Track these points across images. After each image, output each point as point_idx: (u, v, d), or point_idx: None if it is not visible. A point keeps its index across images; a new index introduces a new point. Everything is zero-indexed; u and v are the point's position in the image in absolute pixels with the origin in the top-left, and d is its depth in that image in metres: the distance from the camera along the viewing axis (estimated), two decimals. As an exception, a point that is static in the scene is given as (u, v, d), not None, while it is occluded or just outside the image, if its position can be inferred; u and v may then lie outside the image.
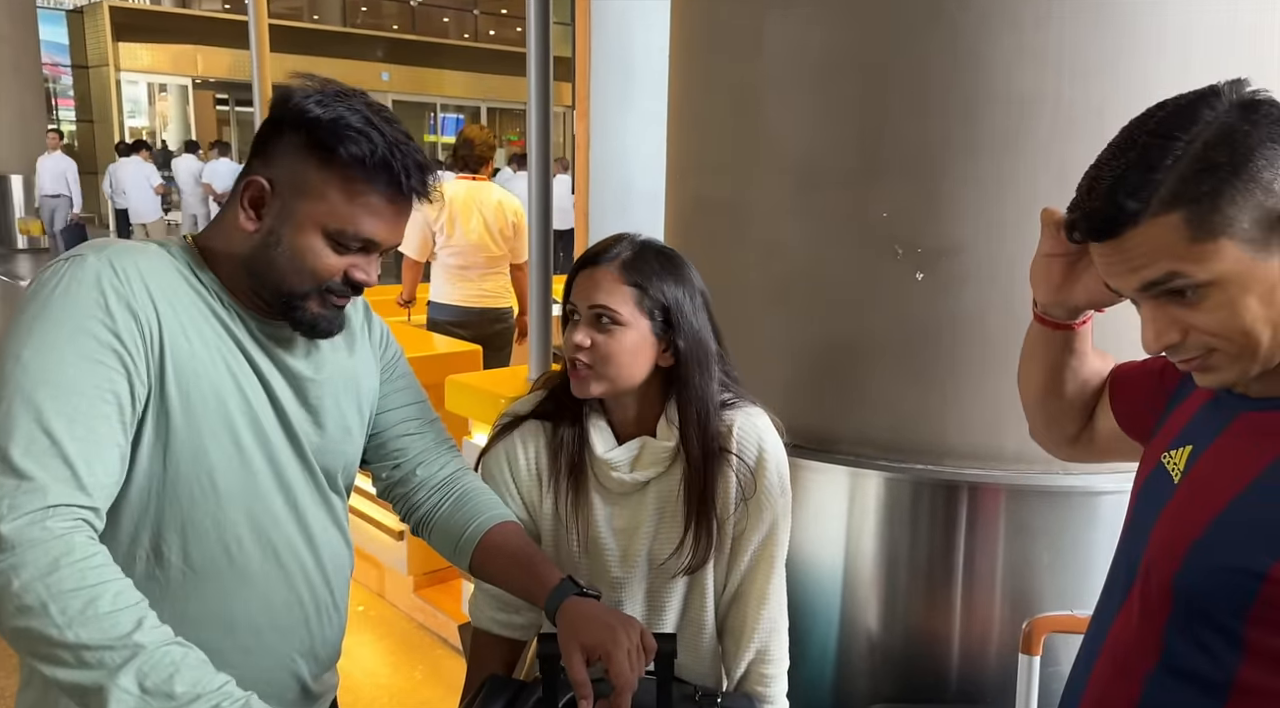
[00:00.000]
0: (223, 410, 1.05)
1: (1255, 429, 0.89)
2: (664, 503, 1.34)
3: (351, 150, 1.02)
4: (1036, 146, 1.67)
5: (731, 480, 1.32)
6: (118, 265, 0.99)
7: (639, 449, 1.32)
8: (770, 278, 1.91)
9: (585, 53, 4.14)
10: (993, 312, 1.73)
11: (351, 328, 1.23)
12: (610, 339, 1.24)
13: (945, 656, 1.78)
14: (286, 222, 1.05)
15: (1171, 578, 0.90)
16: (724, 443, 1.32)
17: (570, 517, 1.35)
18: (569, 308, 1.29)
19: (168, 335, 1.00)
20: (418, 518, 1.30)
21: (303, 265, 1.05)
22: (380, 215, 1.06)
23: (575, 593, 1.15)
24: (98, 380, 0.94)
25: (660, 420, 1.32)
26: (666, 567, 1.34)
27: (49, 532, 0.87)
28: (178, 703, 0.85)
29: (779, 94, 1.85)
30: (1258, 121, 0.82)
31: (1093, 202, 0.87)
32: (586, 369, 1.26)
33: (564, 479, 1.34)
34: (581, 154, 4.13)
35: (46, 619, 0.85)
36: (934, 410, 1.77)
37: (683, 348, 1.28)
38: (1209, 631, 0.87)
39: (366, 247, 1.07)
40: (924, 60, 1.70)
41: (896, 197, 1.75)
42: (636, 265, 1.27)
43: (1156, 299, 0.87)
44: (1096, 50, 1.64)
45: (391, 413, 1.28)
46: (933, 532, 1.77)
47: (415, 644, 3.14)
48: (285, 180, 1.05)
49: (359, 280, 1.08)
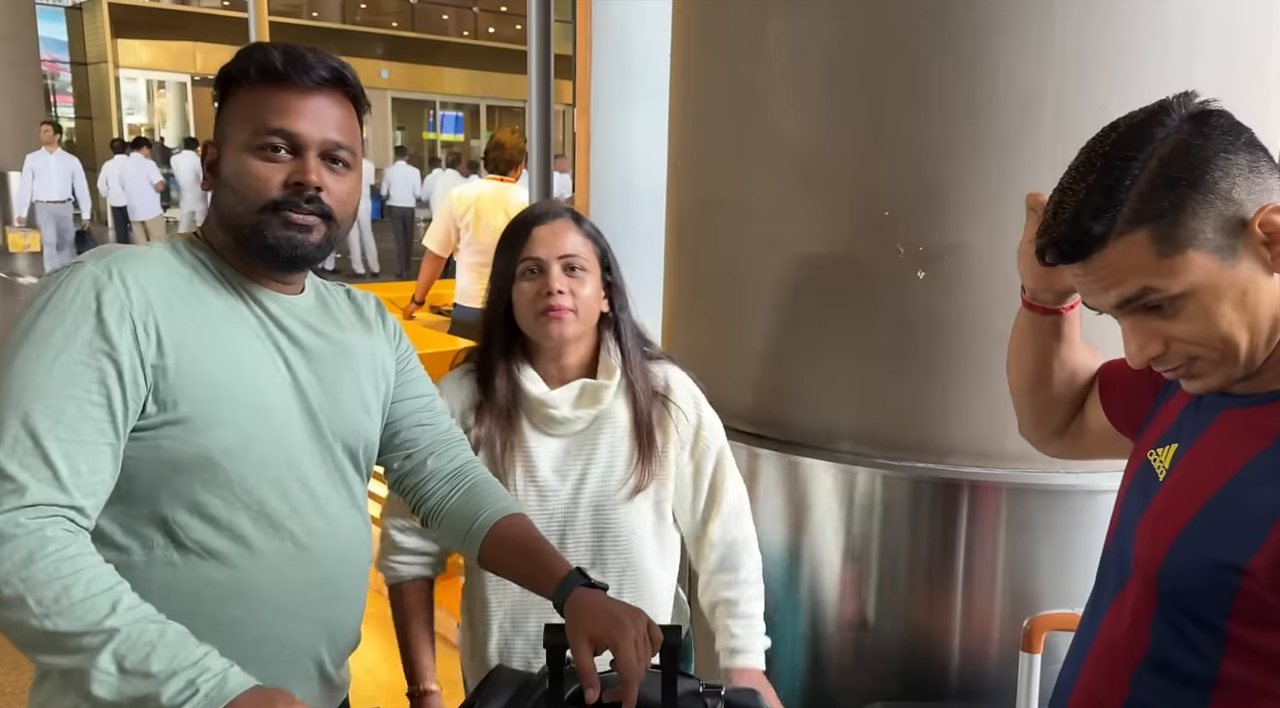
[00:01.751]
0: (235, 397, 1.06)
1: (1236, 427, 0.91)
2: (612, 441, 1.43)
3: (240, 65, 1.09)
4: (1039, 145, 1.67)
5: (670, 426, 1.47)
6: (115, 270, 1.02)
7: (580, 389, 1.42)
8: (771, 276, 1.91)
9: (586, 50, 4.13)
10: (994, 310, 1.73)
11: (366, 317, 1.27)
12: (580, 284, 1.38)
13: (946, 654, 1.78)
14: (223, 161, 1.11)
15: (1156, 575, 0.91)
16: (660, 389, 1.47)
17: (504, 463, 1.41)
18: (528, 262, 1.39)
19: (167, 332, 1.02)
20: (428, 509, 1.31)
21: (242, 183, 1.08)
22: (286, 107, 1.08)
23: (582, 584, 1.16)
24: (86, 383, 0.97)
25: (600, 361, 1.44)
26: (609, 501, 1.43)
27: (24, 528, 0.91)
28: (156, 680, 0.88)
29: (781, 92, 1.86)
30: (1210, 133, 0.85)
31: (1058, 227, 0.89)
32: (569, 312, 1.36)
33: (496, 425, 1.41)
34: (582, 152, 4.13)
35: (26, 611, 0.89)
36: (935, 409, 1.78)
37: (620, 287, 1.45)
38: (1193, 626, 0.88)
39: (292, 145, 1.08)
40: (926, 59, 1.70)
41: (898, 195, 1.75)
42: (582, 219, 1.44)
43: (1135, 314, 0.89)
44: (1098, 48, 1.65)
45: (404, 403, 1.30)
46: (933, 530, 1.77)
47: (415, 642, 3.14)
48: (218, 131, 1.12)
49: (301, 181, 1.08)
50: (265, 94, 1.08)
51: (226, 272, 1.12)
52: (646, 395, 1.44)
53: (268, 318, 1.13)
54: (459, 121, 22.20)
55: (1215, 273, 0.85)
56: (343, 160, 1.12)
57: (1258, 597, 0.82)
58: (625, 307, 1.45)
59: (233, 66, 1.11)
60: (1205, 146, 0.84)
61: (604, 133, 4.18)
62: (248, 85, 1.09)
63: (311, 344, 1.16)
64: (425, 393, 1.33)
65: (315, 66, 1.09)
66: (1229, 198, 0.84)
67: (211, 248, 1.13)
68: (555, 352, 1.42)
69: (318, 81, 1.09)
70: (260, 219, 1.08)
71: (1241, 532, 0.84)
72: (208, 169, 1.13)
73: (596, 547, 1.45)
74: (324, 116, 1.09)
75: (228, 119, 1.11)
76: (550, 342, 1.39)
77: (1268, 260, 0.85)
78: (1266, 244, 0.85)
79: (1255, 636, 0.84)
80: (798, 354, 1.91)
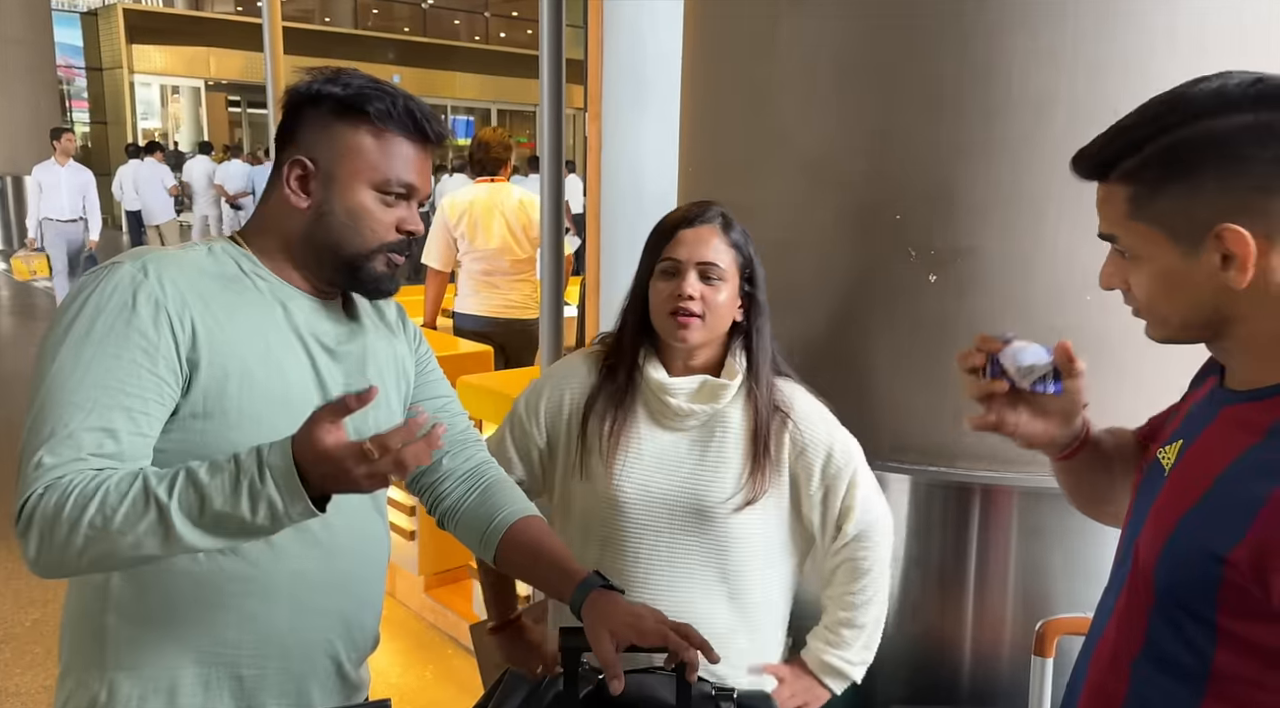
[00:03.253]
0: (260, 392, 1.09)
1: (1233, 422, 0.91)
2: (722, 445, 1.41)
3: (377, 106, 1.12)
4: (1051, 148, 1.67)
5: (786, 443, 1.43)
6: (151, 269, 1.05)
7: (700, 383, 1.42)
8: (782, 279, 1.91)
9: (597, 55, 4.14)
10: (1006, 313, 1.73)
11: (389, 321, 1.31)
12: (714, 291, 1.39)
13: (957, 658, 1.78)
14: (334, 188, 1.13)
15: (1153, 569, 0.92)
16: (781, 405, 1.44)
17: (611, 445, 1.40)
18: (667, 263, 1.40)
19: (201, 329, 1.05)
20: (444, 508, 1.32)
21: (360, 224, 1.14)
22: (412, 161, 1.16)
23: (601, 586, 1.17)
24: (122, 377, 1.00)
25: (725, 363, 1.44)
26: (712, 506, 1.40)
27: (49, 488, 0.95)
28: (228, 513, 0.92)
29: (792, 95, 1.86)
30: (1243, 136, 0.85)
31: (1094, 142, 0.94)
32: (696, 318, 1.37)
33: (609, 407, 1.42)
34: (593, 156, 4.14)
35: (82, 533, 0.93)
36: (946, 412, 1.77)
37: (760, 301, 1.44)
38: (1186, 618, 0.89)
39: (409, 193, 1.16)
40: (937, 61, 1.70)
41: (909, 198, 1.75)
42: (732, 226, 1.44)
43: (1112, 249, 0.96)
44: (1110, 51, 1.64)
45: (423, 403, 1.32)
46: (945, 534, 1.76)
47: (426, 644, 3.15)
48: (324, 152, 1.14)
49: (411, 230, 1.17)
50: (400, 144, 1.14)
51: (263, 274, 1.15)
52: (767, 407, 1.42)
53: (298, 321, 1.16)
54: (470, 126, 22.27)
55: (1167, 255, 0.90)
56: (423, 205, 1.21)
57: (1240, 588, 0.83)
58: (761, 318, 1.44)
59: (366, 106, 1.12)
60: (1228, 145, 0.85)
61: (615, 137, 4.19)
62: (375, 126, 1.13)
63: (338, 347, 1.19)
64: (443, 394, 1.36)
65: (437, 125, 1.17)
66: (1213, 202, 0.86)
67: (250, 252, 1.16)
68: (683, 352, 1.43)
69: (437, 139, 1.18)
70: (372, 256, 1.15)
71: (1226, 524, 0.85)
72: (297, 184, 1.14)
73: (695, 551, 1.42)
74: (429, 170, 1.20)
75: (347, 150, 1.13)
76: (676, 343, 1.40)
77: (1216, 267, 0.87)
78: (1225, 257, 0.86)
79: (1243, 628, 0.84)
80: (809, 358, 1.90)
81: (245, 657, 1.13)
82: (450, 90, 20.51)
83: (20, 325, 9.06)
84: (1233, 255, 0.86)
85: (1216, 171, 0.86)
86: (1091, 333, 1.72)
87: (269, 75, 4.46)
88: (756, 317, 1.44)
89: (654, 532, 1.41)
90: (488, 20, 22.94)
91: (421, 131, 1.15)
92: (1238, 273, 0.86)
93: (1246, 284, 0.86)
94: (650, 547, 1.41)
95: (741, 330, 1.44)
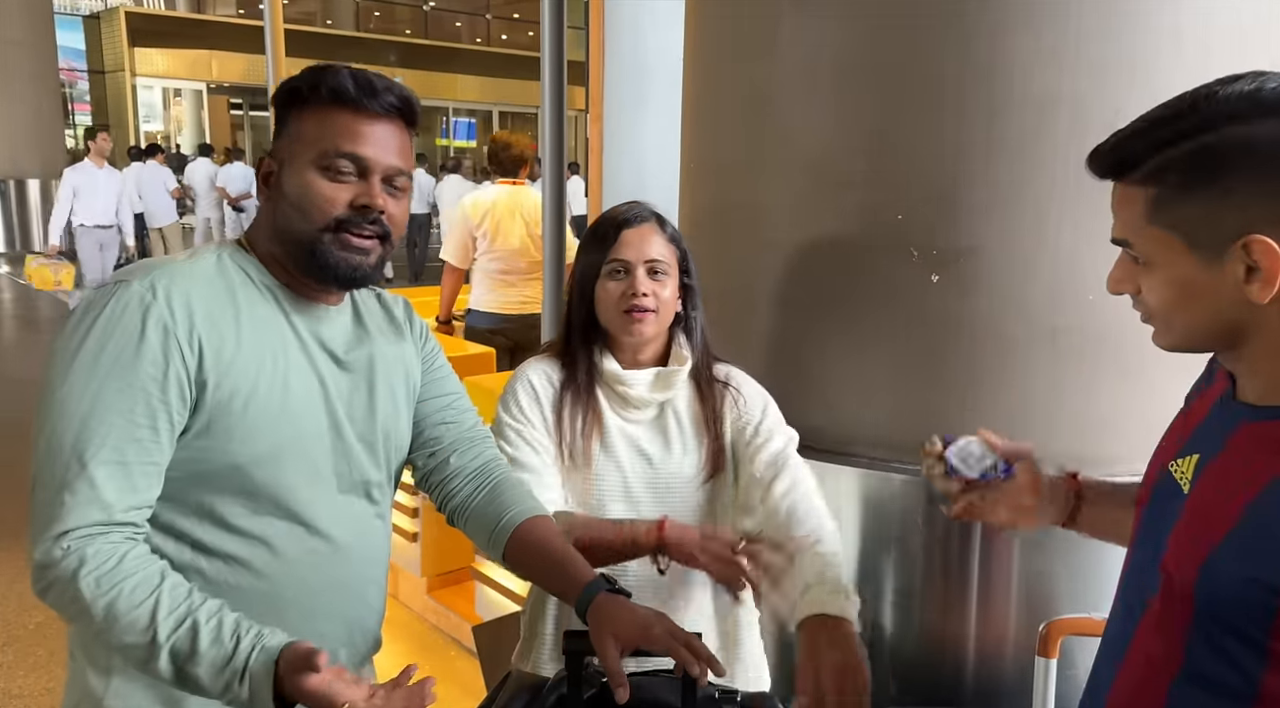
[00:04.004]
0: (264, 408, 1.09)
1: (1259, 440, 0.88)
2: (680, 427, 1.49)
3: (314, 85, 1.11)
4: (1054, 148, 1.67)
5: (729, 406, 1.51)
6: (160, 288, 1.04)
7: (655, 374, 1.49)
8: (784, 280, 1.91)
9: (599, 56, 4.15)
10: (1008, 313, 1.73)
11: (396, 320, 1.29)
12: (661, 286, 1.45)
13: (961, 659, 1.77)
14: (285, 174, 1.12)
15: (1192, 591, 0.89)
16: (720, 377, 1.52)
17: (585, 437, 1.45)
18: (615, 264, 1.45)
19: (209, 351, 1.05)
20: (453, 506, 1.32)
21: (307, 202, 1.10)
22: (356, 132, 1.10)
23: (606, 589, 1.16)
24: (132, 404, 1.01)
25: (673, 352, 1.51)
26: (679, 486, 1.46)
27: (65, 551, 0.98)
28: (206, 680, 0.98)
29: (793, 95, 1.86)
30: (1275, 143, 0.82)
31: (1109, 140, 0.90)
32: (651, 314, 1.43)
33: (577, 401, 1.47)
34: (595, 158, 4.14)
35: (94, 625, 0.99)
36: (950, 412, 1.77)
37: (694, 289, 1.51)
38: (1231, 639, 0.86)
39: (359, 168, 1.11)
40: (940, 62, 1.70)
41: (911, 199, 1.75)
42: (665, 223, 1.50)
43: (1123, 253, 0.92)
44: (1113, 50, 1.64)
45: (430, 402, 1.31)
46: (948, 534, 1.76)
47: (429, 645, 3.15)
48: (280, 145, 1.14)
49: (367, 204, 1.11)
50: (335, 116, 1.10)
51: (269, 283, 1.14)
52: (710, 384, 1.51)
53: (305, 331, 1.15)
54: (471, 128, 22.29)
55: (1185, 263, 0.85)
56: (400, 185, 1.16)
57: None
58: (697, 307, 1.53)
59: (301, 84, 1.12)
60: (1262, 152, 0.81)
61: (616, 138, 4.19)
62: (316, 105, 1.11)
63: (345, 356, 1.18)
64: (450, 391, 1.35)
65: (385, 94, 1.12)
66: (1242, 211, 0.82)
67: (256, 257, 1.15)
68: (632, 346, 1.49)
69: (386, 108, 1.12)
70: (321, 237, 1.10)
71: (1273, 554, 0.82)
72: (263, 182, 1.14)
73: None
74: (389, 142, 1.13)
75: (293, 136, 1.12)
76: (631, 339, 1.46)
77: (1240, 279, 0.83)
78: (1249, 268, 0.83)
79: None
80: (811, 359, 1.91)
81: None
82: (452, 92, 20.55)
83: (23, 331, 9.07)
84: (1258, 268, 0.81)
85: (1248, 179, 0.81)
86: (1093, 333, 1.73)
87: (271, 78, 4.47)
88: (695, 304, 1.52)
89: (634, 515, 1.44)
90: (489, 22, 22.96)
91: (356, 100, 1.10)
92: (1263, 286, 0.82)
93: (1270, 298, 0.82)
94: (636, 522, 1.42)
95: (681, 319, 1.51)
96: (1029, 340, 1.73)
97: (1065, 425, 1.76)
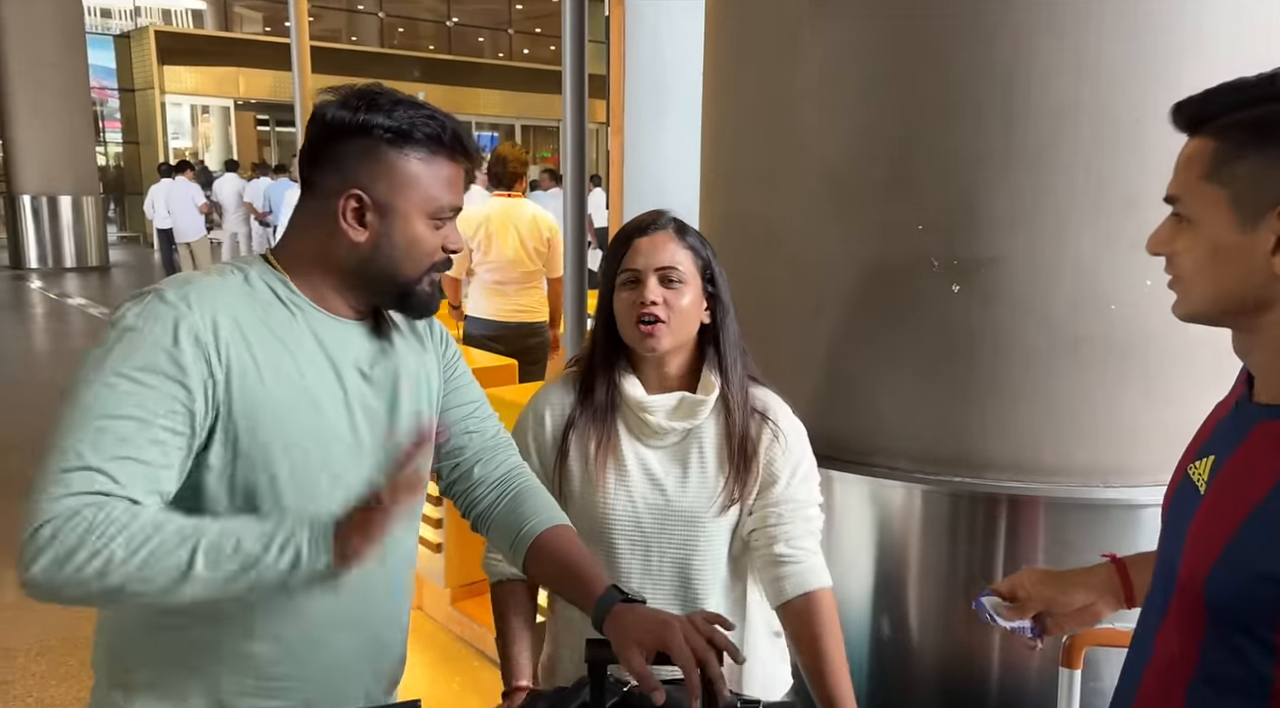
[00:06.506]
0: (292, 426, 1.10)
1: (1269, 440, 0.89)
2: (702, 455, 1.42)
3: (426, 132, 1.13)
4: (1075, 156, 1.66)
5: (766, 443, 1.42)
6: (192, 301, 1.06)
7: (678, 401, 1.42)
8: (804, 290, 1.92)
9: (619, 69, 4.18)
10: (1030, 323, 1.73)
11: (417, 328, 1.30)
12: (677, 296, 1.38)
13: (985, 670, 1.76)
14: (392, 219, 1.14)
15: (1202, 590, 0.90)
16: (757, 406, 1.44)
17: (599, 464, 1.41)
18: (627, 274, 1.40)
19: (235, 364, 1.06)
20: (476, 514, 1.34)
21: (417, 252, 1.15)
22: (457, 183, 1.18)
23: (620, 600, 1.17)
24: (155, 409, 1.01)
25: (701, 376, 1.43)
26: (701, 516, 1.41)
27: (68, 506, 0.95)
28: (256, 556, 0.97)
29: (813, 105, 1.86)
30: None
31: (1199, 93, 0.92)
32: (661, 324, 1.37)
33: (592, 426, 1.43)
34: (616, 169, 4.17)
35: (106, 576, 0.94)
36: (972, 423, 1.76)
37: (724, 301, 1.43)
38: (1243, 639, 0.87)
39: (453, 215, 1.19)
40: (960, 70, 1.70)
41: (932, 208, 1.75)
42: (686, 231, 1.43)
43: (1171, 213, 0.94)
44: (1135, 56, 1.64)
45: (453, 411, 1.32)
46: (971, 544, 1.76)
47: (453, 656, 3.16)
48: (379, 184, 1.13)
49: (454, 248, 1.19)
50: (446, 167, 1.15)
51: (295, 300, 1.15)
52: (743, 411, 1.42)
53: (331, 347, 1.16)
54: (494, 141, 22.44)
55: (1224, 224, 0.87)
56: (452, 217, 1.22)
57: None
58: (727, 318, 1.44)
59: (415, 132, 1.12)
60: None
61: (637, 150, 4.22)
62: (426, 151, 1.13)
63: (370, 369, 1.19)
64: (472, 399, 1.36)
65: (473, 146, 1.18)
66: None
67: (284, 275, 1.16)
68: (656, 361, 1.42)
69: (476, 157, 1.20)
70: (421, 279, 1.18)
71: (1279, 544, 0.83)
72: (353, 217, 1.13)
73: (685, 562, 1.42)
74: (462, 187, 1.20)
75: (402, 180, 1.12)
76: (646, 352, 1.40)
77: (1269, 249, 0.85)
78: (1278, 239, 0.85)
79: None
80: (832, 369, 1.91)
81: (274, 688, 1.14)
82: (475, 107, 20.69)
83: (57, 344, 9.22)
84: None
85: None
86: (1116, 342, 1.71)
87: (297, 94, 4.53)
88: (723, 316, 1.43)
89: (644, 545, 1.42)
90: (511, 37, 23.14)
91: (466, 154, 1.17)
92: None
93: None
94: (642, 560, 1.42)
95: (710, 333, 1.43)
96: (1051, 350, 1.72)
97: (1088, 436, 1.75)
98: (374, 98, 1.13)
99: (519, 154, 4.41)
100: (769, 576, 1.40)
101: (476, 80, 20.68)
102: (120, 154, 19.31)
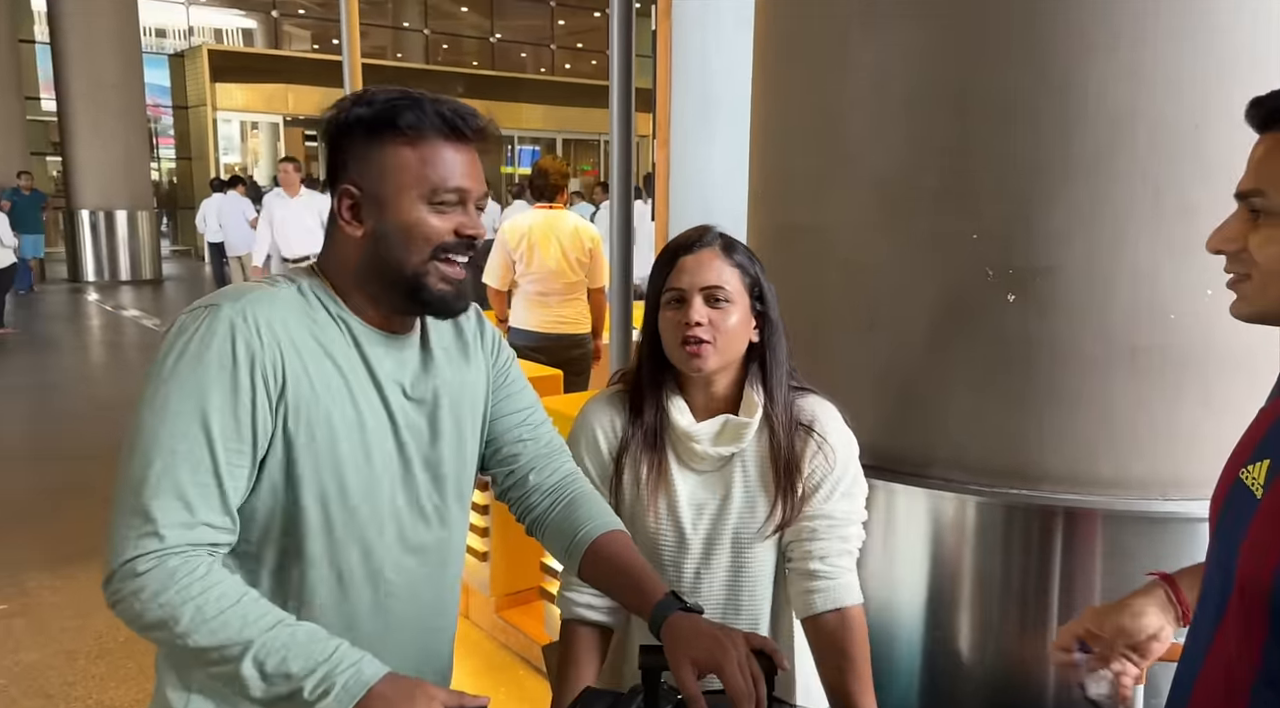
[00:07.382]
0: (339, 445, 1.11)
1: None
2: (746, 477, 1.40)
3: (406, 117, 1.10)
4: (1132, 164, 1.65)
5: (810, 455, 1.39)
6: (249, 316, 1.07)
7: (721, 425, 1.39)
8: (856, 301, 1.91)
9: (666, 82, 4.21)
10: (1087, 334, 1.71)
11: (465, 337, 1.30)
12: (723, 315, 1.35)
13: (1040, 683, 1.74)
14: (386, 209, 1.12)
15: (1268, 594, 0.89)
16: (803, 419, 1.40)
17: (650, 491, 1.40)
18: (672, 293, 1.37)
19: (290, 382, 1.08)
20: (532, 519, 1.35)
21: (415, 236, 1.12)
22: (456, 163, 1.12)
23: (679, 608, 1.16)
24: (221, 428, 1.04)
25: (744, 397, 1.40)
26: (748, 538, 1.39)
27: (159, 560, 1.01)
28: (296, 679, 0.98)
29: (864, 114, 1.86)
30: None
31: (1272, 91, 0.92)
32: (707, 345, 1.34)
33: (644, 453, 1.41)
34: (661, 182, 4.20)
35: (172, 632, 1.00)
36: (1028, 434, 1.75)
37: (773, 319, 1.40)
38: None
39: (461, 199, 1.13)
40: (1014, 78, 1.69)
41: (986, 218, 1.74)
42: (734, 248, 1.39)
43: (1241, 209, 0.93)
44: (1192, 64, 1.62)
45: (505, 419, 1.33)
46: (1027, 557, 1.73)
47: (498, 665, 3.18)
48: (368, 176, 1.13)
49: (470, 234, 1.14)
50: (437, 150, 1.11)
51: (341, 314, 1.15)
52: (788, 431, 1.39)
53: (375, 363, 1.16)
54: (536, 155, 22.65)
55: None
56: (481, 206, 1.19)
57: None
58: (775, 335, 1.40)
59: (396, 118, 1.10)
60: None
61: (683, 162, 4.25)
62: (410, 137, 1.10)
63: (413, 388, 1.20)
64: (526, 406, 1.35)
65: (471, 120, 1.13)
66: None
67: (328, 286, 1.17)
68: (702, 381, 1.40)
69: (476, 136, 1.14)
70: (425, 266, 1.12)
71: None
72: (349, 213, 1.13)
73: (733, 585, 1.42)
74: (478, 170, 1.15)
75: (386, 168, 1.11)
76: (691, 372, 1.37)
77: None
78: None
79: None
80: (886, 381, 1.90)
81: None
82: (517, 121, 20.90)
83: (113, 357, 9.44)
84: None
85: None
86: (1175, 353, 1.69)
87: (348, 110, 4.62)
88: (771, 335, 1.40)
89: (693, 570, 1.42)
90: (553, 53, 23.36)
91: (457, 131, 1.11)
92: None
93: None
94: (691, 583, 1.41)
95: (758, 352, 1.40)
96: (1108, 360, 1.70)
97: (1145, 447, 1.72)
98: (364, 95, 1.13)
99: (560, 167, 4.46)
100: (800, 588, 1.38)
101: (519, 95, 20.89)
102: (173, 170, 19.79)
